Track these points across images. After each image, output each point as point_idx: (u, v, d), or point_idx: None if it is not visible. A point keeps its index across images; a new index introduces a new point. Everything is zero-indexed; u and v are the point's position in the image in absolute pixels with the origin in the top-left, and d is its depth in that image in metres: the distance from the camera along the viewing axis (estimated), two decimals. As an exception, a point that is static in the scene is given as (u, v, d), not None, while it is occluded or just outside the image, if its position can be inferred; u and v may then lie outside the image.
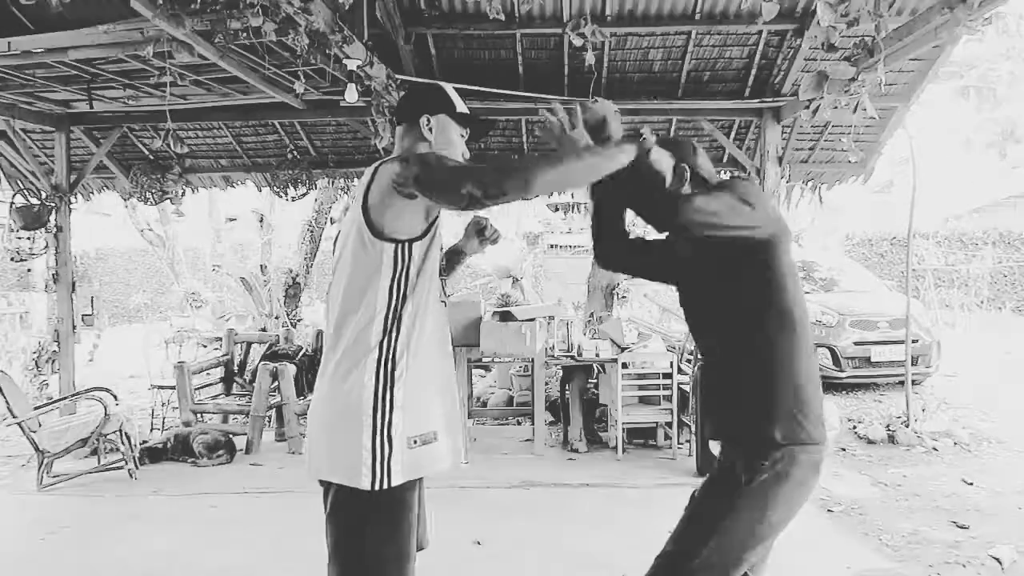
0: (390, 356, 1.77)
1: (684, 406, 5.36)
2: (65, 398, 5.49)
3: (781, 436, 1.80)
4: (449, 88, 2.02)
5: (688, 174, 1.97)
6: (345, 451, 1.77)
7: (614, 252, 2.18)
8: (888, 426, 5.91)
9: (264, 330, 7.91)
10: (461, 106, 2.00)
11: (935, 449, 5.56)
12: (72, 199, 6.17)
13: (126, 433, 4.94)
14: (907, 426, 5.80)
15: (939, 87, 9.41)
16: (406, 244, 1.79)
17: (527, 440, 5.80)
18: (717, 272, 1.90)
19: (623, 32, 5.08)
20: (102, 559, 3.61)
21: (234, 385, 6.41)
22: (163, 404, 6.49)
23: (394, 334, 1.78)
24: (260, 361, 6.01)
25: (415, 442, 1.79)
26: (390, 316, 1.78)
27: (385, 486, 1.75)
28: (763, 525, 1.81)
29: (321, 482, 1.92)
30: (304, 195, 6.94)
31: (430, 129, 1.94)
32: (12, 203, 5.99)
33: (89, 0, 3.64)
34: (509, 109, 5.57)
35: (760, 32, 5.09)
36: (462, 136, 2.00)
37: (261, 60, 4.43)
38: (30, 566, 3.59)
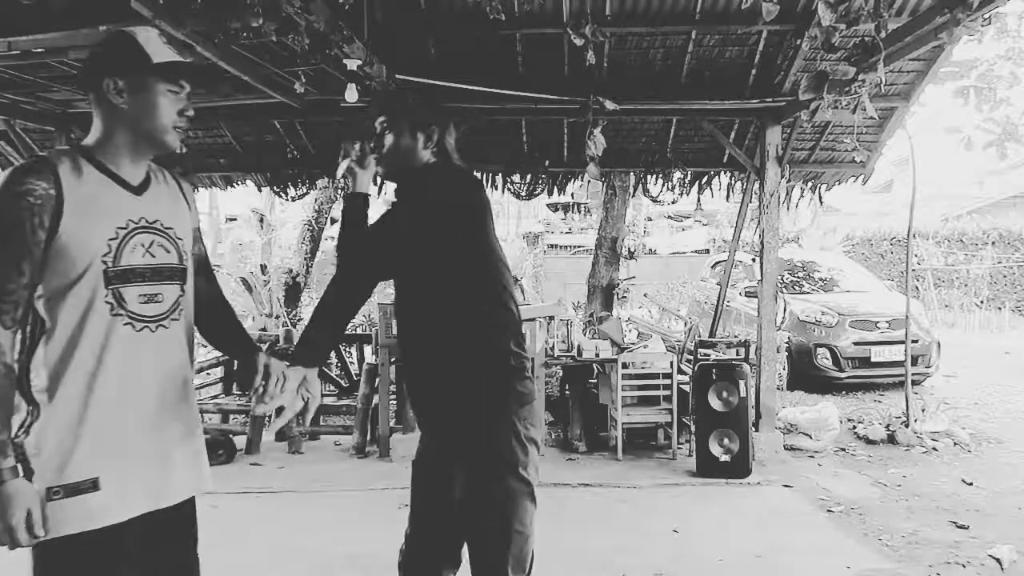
0: (26, 391, 1.50)
1: (684, 406, 5.36)
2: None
3: None
4: (145, 33, 1.61)
5: (436, 135, 2.10)
6: None
7: None
8: (888, 426, 5.91)
9: (264, 330, 7.89)
10: (162, 54, 1.59)
11: (935, 449, 5.56)
12: (72, 199, 6.16)
13: (126, 433, 4.94)
14: (907, 426, 5.81)
15: (939, 87, 9.40)
16: None
17: (527, 440, 5.79)
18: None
19: (623, 32, 5.08)
20: (102, 559, 3.61)
21: (234, 385, 6.41)
22: (163, 404, 6.48)
23: (26, 366, 1.50)
24: (260, 361, 6.00)
25: (56, 493, 1.49)
26: (26, 340, 1.51)
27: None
28: None
29: None
30: (304, 195, 6.94)
31: (120, 94, 1.56)
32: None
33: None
34: (509, 109, 5.57)
35: (760, 32, 5.09)
36: (173, 92, 1.61)
37: (261, 60, 4.43)
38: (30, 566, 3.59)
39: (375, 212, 2.11)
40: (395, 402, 5.89)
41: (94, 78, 1.58)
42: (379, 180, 6.67)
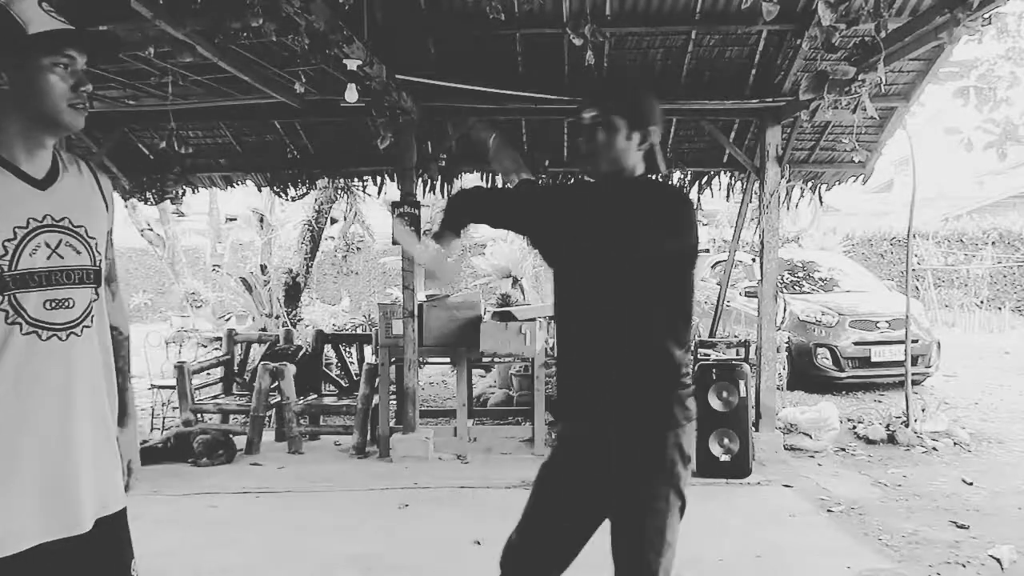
0: None
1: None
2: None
3: None
4: (23, 3, 1.40)
5: (650, 138, 1.91)
6: None
7: None
8: (888, 426, 5.91)
9: (264, 330, 7.91)
10: (41, 22, 1.40)
11: (935, 449, 5.56)
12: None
13: (126, 433, 4.94)
14: (907, 426, 5.80)
15: (939, 87, 9.40)
16: None
17: (527, 440, 5.80)
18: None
19: (623, 32, 5.08)
20: (102, 559, 3.61)
21: (234, 385, 6.41)
22: (163, 404, 6.49)
23: None
24: (260, 361, 6.01)
25: None
26: None
27: None
28: None
29: None
30: (304, 195, 6.94)
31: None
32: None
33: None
34: (509, 109, 5.57)
35: (760, 32, 5.09)
36: (61, 65, 1.42)
37: (261, 60, 4.43)
38: None
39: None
40: (395, 402, 5.90)
41: None
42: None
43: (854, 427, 6.15)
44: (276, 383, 5.66)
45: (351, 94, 4.22)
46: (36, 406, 1.42)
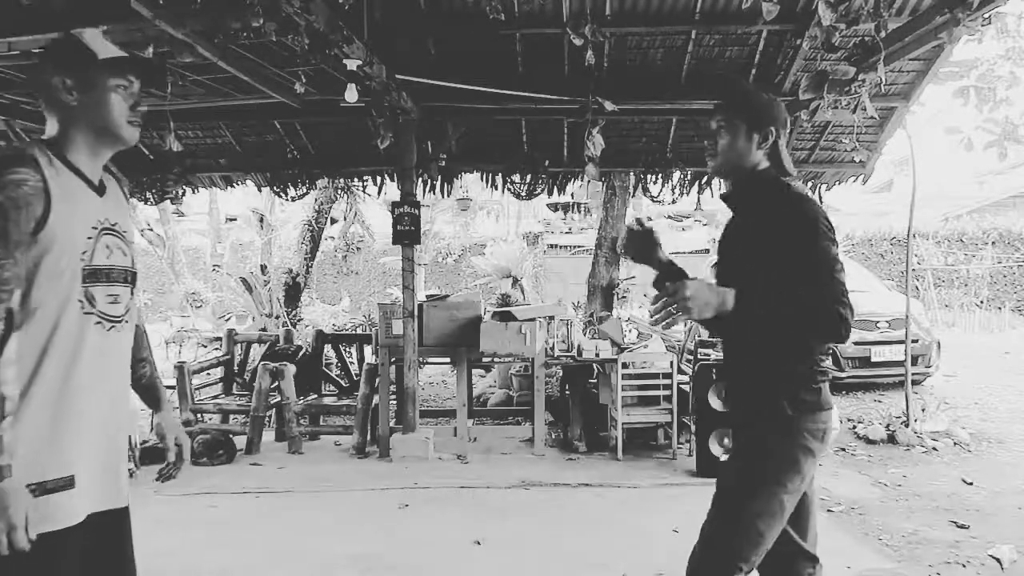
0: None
1: (684, 406, 5.36)
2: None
3: None
4: (90, 33, 1.65)
5: (772, 136, 1.99)
6: None
7: None
8: (888, 426, 5.91)
9: (264, 330, 7.91)
10: (107, 51, 1.62)
11: (935, 449, 5.56)
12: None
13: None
14: (907, 426, 5.81)
15: (939, 87, 9.40)
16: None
17: (527, 440, 5.80)
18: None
19: (623, 32, 5.08)
20: (102, 559, 3.61)
21: (234, 385, 6.41)
22: (163, 404, 6.48)
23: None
24: (260, 361, 6.02)
25: (33, 491, 1.45)
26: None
27: None
28: None
29: None
30: (304, 195, 6.95)
31: (70, 92, 1.57)
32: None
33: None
34: (509, 109, 5.57)
35: (760, 32, 5.09)
36: (123, 86, 1.61)
37: (261, 60, 4.43)
38: None
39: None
40: (395, 402, 5.90)
41: (43, 78, 1.59)
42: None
43: (854, 427, 6.15)
44: (276, 383, 5.66)
45: (351, 94, 4.22)
46: (103, 389, 1.60)
